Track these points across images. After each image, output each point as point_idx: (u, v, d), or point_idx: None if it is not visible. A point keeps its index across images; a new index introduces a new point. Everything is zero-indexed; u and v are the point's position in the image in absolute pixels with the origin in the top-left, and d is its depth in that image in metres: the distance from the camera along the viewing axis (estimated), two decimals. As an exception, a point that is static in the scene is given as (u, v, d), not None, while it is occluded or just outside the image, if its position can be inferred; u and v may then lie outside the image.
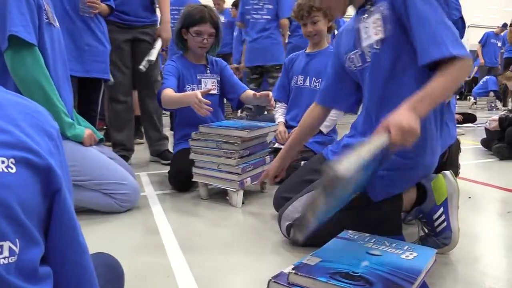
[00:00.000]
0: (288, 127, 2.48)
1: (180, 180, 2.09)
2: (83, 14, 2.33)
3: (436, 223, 1.32)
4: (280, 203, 1.56)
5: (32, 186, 0.48)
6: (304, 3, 2.35)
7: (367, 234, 1.18)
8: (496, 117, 3.11)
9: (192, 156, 1.95)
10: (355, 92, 1.54)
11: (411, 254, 1.05)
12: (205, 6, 2.24)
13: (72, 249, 0.54)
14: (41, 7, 1.57)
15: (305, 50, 2.56)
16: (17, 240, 0.45)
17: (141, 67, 2.54)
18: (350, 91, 1.55)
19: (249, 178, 1.89)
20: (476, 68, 8.53)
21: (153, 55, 2.59)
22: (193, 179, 1.96)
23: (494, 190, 2.12)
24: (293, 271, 0.95)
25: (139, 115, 2.95)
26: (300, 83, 2.52)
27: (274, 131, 2.16)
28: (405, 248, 1.08)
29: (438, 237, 1.32)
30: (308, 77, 2.49)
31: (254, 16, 3.93)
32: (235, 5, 5.34)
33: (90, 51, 2.31)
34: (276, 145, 2.43)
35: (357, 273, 0.94)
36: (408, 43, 1.23)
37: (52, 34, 1.67)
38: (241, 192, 1.85)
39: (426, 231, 1.37)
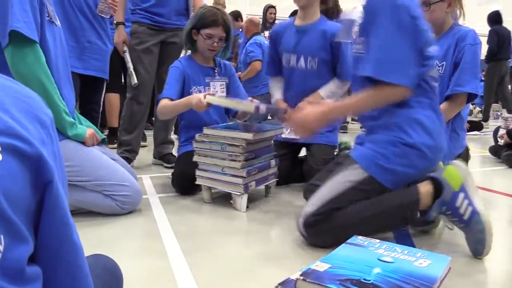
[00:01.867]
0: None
1: (183, 183, 2.04)
2: (101, 14, 2.32)
3: (462, 210, 1.30)
4: (309, 189, 1.69)
5: (20, 177, 0.43)
6: None
7: (377, 240, 1.13)
8: (503, 131, 3.07)
9: (195, 158, 1.91)
10: None
11: (424, 261, 0.99)
12: (219, 9, 2.18)
13: (65, 247, 0.50)
14: (44, 4, 1.54)
15: (294, 21, 2.30)
16: (1, 236, 0.40)
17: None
18: None
19: (254, 182, 1.85)
20: None
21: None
22: (196, 182, 1.92)
23: (504, 197, 2.07)
24: (301, 277, 0.90)
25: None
26: (293, 63, 2.28)
27: (280, 133, 2.10)
28: (418, 255, 1.03)
29: (470, 226, 1.29)
30: (302, 57, 2.25)
31: None
32: (235, 16, 5.32)
33: (91, 48, 2.30)
34: (283, 136, 2.34)
35: (369, 280, 0.89)
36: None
37: (53, 32, 1.64)
38: (245, 196, 1.80)
39: (456, 227, 1.36)
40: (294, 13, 5.96)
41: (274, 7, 5.77)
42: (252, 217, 1.73)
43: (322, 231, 1.37)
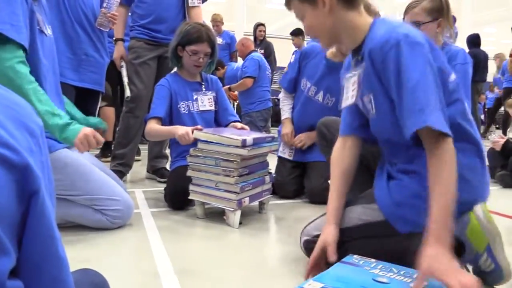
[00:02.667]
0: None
1: (176, 198, 2.02)
2: (100, 27, 2.33)
3: (483, 267, 1.20)
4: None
5: (6, 186, 0.42)
6: None
7: (373, 260, 1.10)
8: (503, 140, 3.06)
9: (189, 173, 1.89)
10: None
11: None
12: (203, 25, 2.21)
13: (49, 261, 0.48)
14: (34, 12, 1.53)
15: (325, 52, 2.30)
16: None
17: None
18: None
19: (247, 198, 1.83)
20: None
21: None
22: (190, 197, 1.90)
23: (499, 217, 2.06)
24: None
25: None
26: (312, 94, 2.37)
27: (275, 150, 2.10)
28: (415, 276, 1.01)
29: (489, 276, 1.22)
30: (322, 92, 2.34)
31: None
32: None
33: (88, 61, 2.30)
34: (280, 154, 2.40)
35: None
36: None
37: (43, 42, 1.62)
38: (238, 212, 1.78)
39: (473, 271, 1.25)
40: (294, 32, 6.06)
41: (263, 24, 5.86)
42: (245, 234, 1.71)
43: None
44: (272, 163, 2.17)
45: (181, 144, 2.12)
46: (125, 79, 2.58)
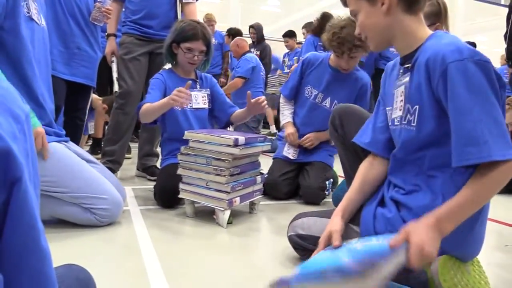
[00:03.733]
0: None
1: (166, 196, 2.00)
2: (94, 22, 2.30)
3: None
4: None
5: None
6: (346, 37, 2.09)
7: (355, 239, 1.05)
8: None
9: (180, 171, 1.87)
10: None
11: None
12: (198, 23, 2.19)
13: (31, 253, 0.45)
14: None
15: (329, 58, 2.34)
16: None
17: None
18: None
19: (238, 198, 1.81)
20: None
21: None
22: (180, 196, 1.87)
23: (490, 223, 2.06)
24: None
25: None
26: (319, 100, 2.38)
27: (266, 151, 2.09)
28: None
29: None
30: (329, 98, 2.36)
31: None
32: (231, 34, 5.37)
33: (80, 55, 2.27)
34: (284, 153, 2.41)
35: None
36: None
37: (33, 30, 1.58)
38: (227, 212, 1.76)
39: None
40: (287, 34, 6.07)
41: (252, 26, 5.86)
42: (235, 234, 1.69)
43: (299, 252, 1.40)
44: (264, 163, 2.15)
45: (172, 142, 2.10)
46: (115, 74, 2.55)
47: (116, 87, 2.53)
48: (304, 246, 1.36)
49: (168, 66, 2.39)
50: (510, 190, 2.86)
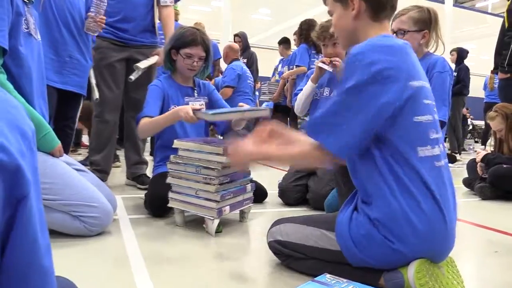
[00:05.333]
0: None
1: (156, 205, 1.98)
2: (88, 31, 2.29)
3: None
4: None
5: None
6: (327, 25, 2.35)
7: (345, 280, 1.08)
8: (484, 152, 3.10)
9: (169, 180, 1.86)
10: None
11: None
12: (197, 29, 2.19)
13: (33, 271, 0.44)
14: (21, 15, 1.50)
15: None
16: None
17: (131, 77, 2.45)
18: None
19: (228, 207, 1.80)
20: None
21: (143, 63, 2.49)
22: (169, 205, 1.86)
23: (479, 229, 2.08)
24: None
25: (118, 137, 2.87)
26: (326, 94, 2.50)
27: None
28: None
29: None
30: (328, 89, 2.49)
31: None
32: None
33: (71, 63, 2.25)
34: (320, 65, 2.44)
35: None
36: None
37: (31, 45, 1.59)
38: (216, 220, 1.75)
39: None
40: (282, 41, 6.11)
41: (238, 35, 5.92)
42: (225, 243, 1.68)
43: (280, 257, 1.42)
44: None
45: (166, 150, 2.10)
46: (93, 81, 2.52)
47: (96, 94, 2.50)
48: (283, 252, 1.37)
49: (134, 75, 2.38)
50: (498, 196, 2.90)
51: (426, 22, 2.14)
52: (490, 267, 1.57)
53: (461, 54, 6.31)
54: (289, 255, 1.36)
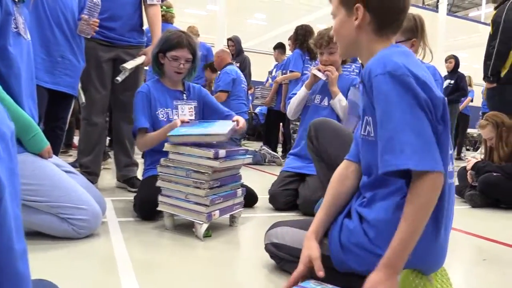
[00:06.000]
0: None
1: (146, 208, 1.97)
2: (81, 34, 2.27)
3: None
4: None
5: None
6: (325, 32, 2.39)
7: (330, 286, 1.09)
8: (474, 160, 3.12)
9: (159, 183, 1.84)
10: None
11: None
12: (183, 32, 2.21)
13: (6, 277, 0.43)
14: (10, 14, 1.49)
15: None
16: None
17: (118, 78, 2.43)
18: None
19: (217, 211, 1.79)
20: None
21: (129, 64, 2.47)
22: (159, 208, 1.85)
23: (469, 237, 2.08)
24: None
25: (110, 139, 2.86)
26: (317, 101, 2.55)
27: (247, 164, 2.06)
28: None
29: None
30: (327, 98, 2.52)
31: None
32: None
33: (63, 64, 2.23)
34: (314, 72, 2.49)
35: None
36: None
37: (21, 45, 1.58)
38: (205, 225, 1.73)
39: None
40: (277, 46, 6.12)
41: (231, 39, 5.93)
42: (214, 247, 1.67)
43: (275, 259, 1.41)
44: (247, 176, 2.13)
45: (156, 153, 2.09)
46: (79, 84, 2.49)
47: (82, 98, 2.48)
48: (278, 255, 1.37)
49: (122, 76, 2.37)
50: (488, 204, 2.91)
51: (414, 31, 2.16)
52: (478, 275, 1.57)
53: (458, 62, 6.39)
54: (283, 258, 1.37)
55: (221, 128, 1.87)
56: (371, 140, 1.12)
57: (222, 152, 1.74)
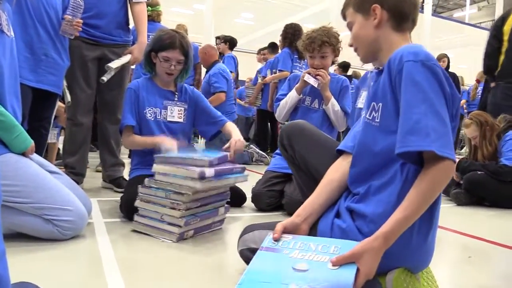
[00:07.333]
0: None
1: (132, 208, 1.94)
2: (63, 34, 2.23)
3: None
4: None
5: None
6: (316, 36, 2.38)
7: (290, 237, 1.09)
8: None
9: (137, 203, 1.78)
10: None
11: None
12: (177, 32, 2.16)
13: None
14: None
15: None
16: None
17: (103, 78, 2.40)
18: None
19: (192, 231, 1.74)
20: None
21: (114, 63, 2.43)
22: (132, 228, 1.79)
23: (454, 235, 2.11)
24: None
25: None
26: (308, 103, 2.55)
27: (242, 181, 1.92)
28: (332, 250, 1.00)
29: None
30: (317, 100, 2.53)
31: None
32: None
33: (47, 62, 2.20)
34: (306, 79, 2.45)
35: None
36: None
37: (4, 43, 1.55)
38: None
39: None
40: (270, 45, 6.13)
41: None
42: (201, 248, 1.66)
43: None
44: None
45: (143, 153, 2.08)
46: (64, 82, 2.45)
47: (68, 97, 2.45)
48: None
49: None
50: (473, 202, 2.95)
51: None
52: (464, 273, 1.59)
53: (449, 61, 6.37)
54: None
55: (209, 156, 1.74)
56: (374, 125, 1.14)
57: (210, 172, 1.65)
